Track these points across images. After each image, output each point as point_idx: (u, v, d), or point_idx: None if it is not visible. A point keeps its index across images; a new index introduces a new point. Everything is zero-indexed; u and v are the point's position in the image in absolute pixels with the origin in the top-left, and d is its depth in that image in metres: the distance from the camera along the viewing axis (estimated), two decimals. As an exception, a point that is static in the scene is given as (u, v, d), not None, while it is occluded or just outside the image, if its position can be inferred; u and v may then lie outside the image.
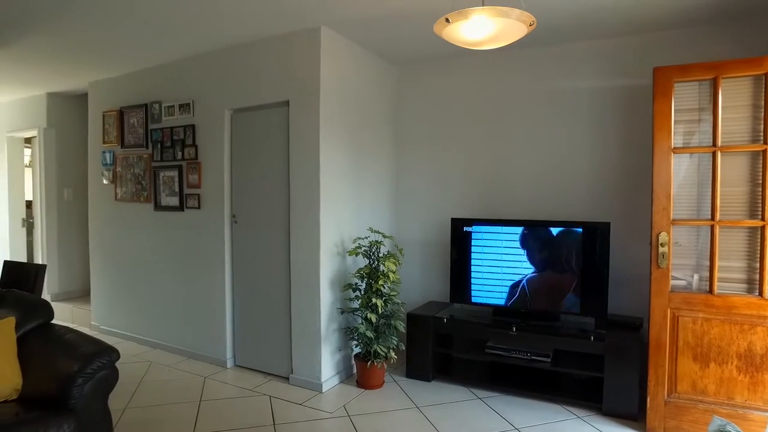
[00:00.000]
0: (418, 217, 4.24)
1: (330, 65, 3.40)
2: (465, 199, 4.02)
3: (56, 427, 1.98)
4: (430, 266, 4.18)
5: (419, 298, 4.16)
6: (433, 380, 3.60)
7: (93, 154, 4.84)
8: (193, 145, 3.94)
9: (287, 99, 3.45)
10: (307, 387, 3.44)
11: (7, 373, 2.14)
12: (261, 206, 3.67)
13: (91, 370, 2.12)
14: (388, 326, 3.46)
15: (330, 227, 3.44)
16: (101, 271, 4.78)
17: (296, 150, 3.43)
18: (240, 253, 3.81)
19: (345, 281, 3.60)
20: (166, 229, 4.19)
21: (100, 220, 4.77)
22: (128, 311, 4.55)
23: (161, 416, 3.04)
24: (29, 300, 2.50)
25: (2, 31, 3.44)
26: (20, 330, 2.35)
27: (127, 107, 4.42)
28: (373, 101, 3.97)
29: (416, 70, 4.20)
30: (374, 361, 3.39)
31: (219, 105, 3.80)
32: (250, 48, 3.63)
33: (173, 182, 4.06)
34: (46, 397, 2.11)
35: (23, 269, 3.21)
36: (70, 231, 5.92)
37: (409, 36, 3.50)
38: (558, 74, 3.64)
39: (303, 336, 3.46)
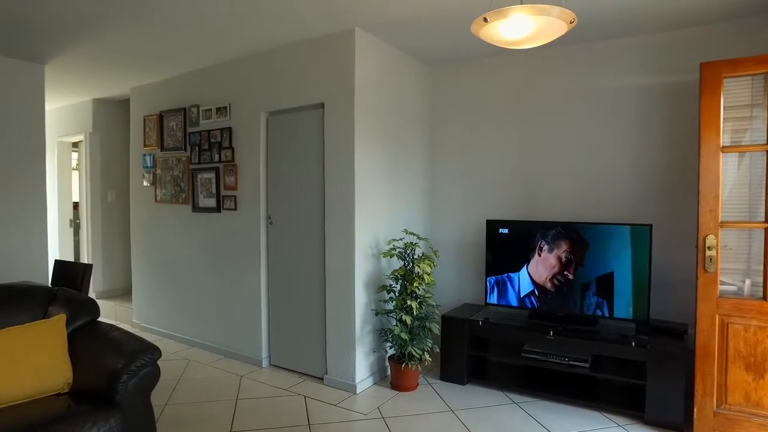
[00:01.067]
0: (453, 219, 4.20)
1: (364, 67, 3.41)
2: (500, 201, 3.96)
3: (104, 420, 2.05)
4: (465, 268, 4.14)
5: (454, 300, 4.13)
6: (467, 383, 3.56)
7: (134, 157, 4.99)
8: (229, 148, 4.01)
9: (322, 101, 3.48)
10: (341, 388, 3.45)
11: (59, 368, 2.22)
12: (296, 207, 3.71)
13: (135, 367, 2.18)
14: (422, 328, 3.44)
15: (364, 229, 3.45)
16: (142, 270, 4.92)
17: (331, 152, 3.46)
18: (275, 253, 3.86)
19: (379, 283, 3.60)
20: (203, 230, 4.29)
21: (141, 221, 4.92)
22: (167, 310, 4.67)
23: (200, 413, 3.11)
24: (78, 298, 2.59)
25: (54, 42, 3.60)
26: (70, 326, 2.44)
27: (167, 111, 4.54)
28: (407, 102, 3.96)
29: (450, 71, 4.17)
30: (408, 363, 3.38)
31: (255, 108, 3.87)
32: (285, 51, 3.68)
33: (210, 184, 4.15)
34: (94, 391, 2.19)
35: (72, 268, 3.35)
36: (112, 231, 6.14)
37: (444, 36, 3.48)
38: (596, 72, 3.55)
39: (337, 337, 3.48)
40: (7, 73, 4.05)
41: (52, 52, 3.94)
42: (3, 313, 2.33)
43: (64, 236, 6.25)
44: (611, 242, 3.21)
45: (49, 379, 2.19)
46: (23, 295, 2.46)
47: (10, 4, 2.92)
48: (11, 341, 2.16)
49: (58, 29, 3.38)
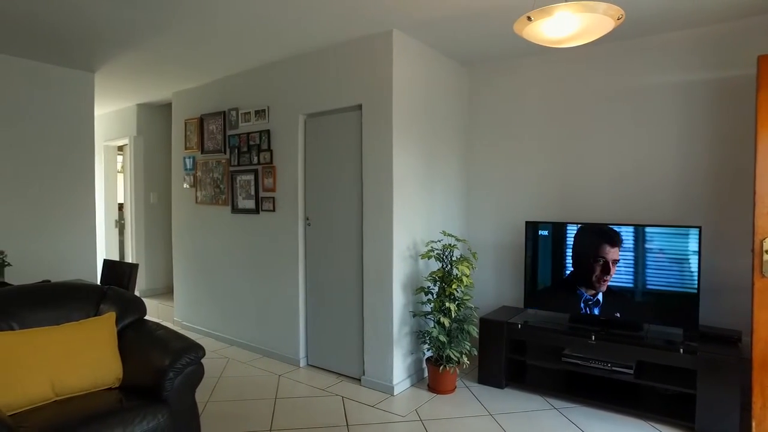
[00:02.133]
0: (490, 220, 4.15)
1: (402, 68, 3.40)
2: (539, 202, 3.89)
3: (152, 415, 2.11)
4: (503, 270, 4.09)
5: (491, 302, 4.08)
6: (506, 387, 3.51)
7: (176, 159, 5.13)
8: (268, 150, 4.08)
9: (360, 103, 3.50)
10: (378, 389, 3.45)
11: (110, 364, 2.30)
12: (334, 209, 3.74)
13: (181, 365, 2.24)
14: (461, 331, 3.41)
15: (402, 230, 3.45)
16: (183, 270, 5.06)
17: (369, 153, 3.47)
18: (313, 254, 3.90)
19: (417, 284, 3.59)
20: (242, 231, 4.37)
21: (182, 222, 5.05)
22: (207, 309, 4.78)
23: (240, 411, 3.16)
24: (126, 297, 2.68)
25: (104, 51, 3.75)
26: (119, 324, 2.52)
27: (207, 114, 4.65)
28: (444, 103, 3.94)
29: (487, 70, 4.13)
30: (446, 366, 3.36)
31: (293, 110, 3.92)
32: (323, 53, 3.71)
33: (249, 186, 4.23)
34: (142, 387, 2.25)
35: (119, 267, 3.47)
36: (155, 232, 6.33)
37: (482, 36, 3.45)
38: (639, 69, 3.45)
39: (375, 338, 3.49)
40: (60, 82, 4.23)
41: (101, 61, 4.10)
42: (60, 310, 2.42)
43: (109, 236, 6.49)
44: (657, 244, 3.11)
45: (102, 374, 2.27)
46: (77, 293, 2.55)
47: (68, 17, 3.05)
48: (68, 337, 2.25)
49: (109, 39, 3.52)
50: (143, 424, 2.08)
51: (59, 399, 2.16)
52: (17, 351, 2.10)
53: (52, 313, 2.40)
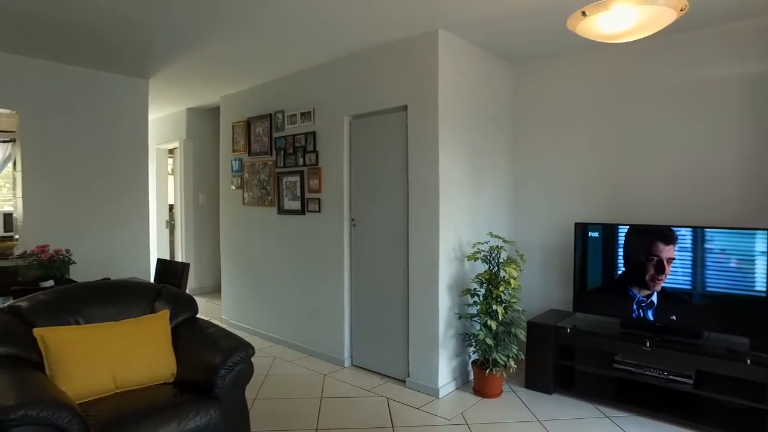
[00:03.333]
0: (538, 221, 4.06)
1: (447, 68, 3.37)
2: (588, 202, 3.77)
3: (205, 411, 2.16)
4: (550, 273, 3.98)
5: (539, 305, 3.98)
6: (554, 393, 3.41)
7: (224, 161, 5.27)
8: (313, 152, 4.12)
9: (405, 104, 3.48)
10: (423, 391, 3.43)
11: (165, 360, 2.38)
12: (379, 210, 3.74)
13: (232, 362, 2.28)
14: (508, 334, 3.35)
15: (448, 231, 3.41)
16: (230, 269, 5.18)
17: (415, 154, 3.45)
18: (358, 255, 3.91)
19: (463, 286, 3.55)
20: (288, 231, 4.44)
21: (230, 222, 5.18)
22: (254, 308, 4.88)
23: (287, 409, 3.21)
24: (179, 295, 2.77)
25: (158, 59, 3.90)
26: (173, 321, 2.61)
27: (254, 117, 4.75)
28: (490, 102, 3.87)
29: (534, 68, 4.03)
30: (493, 370, 3.30)
31: (338, 112, 3.95)
32: (368, 55, 3.72)
33: (295, 187, 4.29)
34: (194, 383, 2.31)
35: (172, 266, 3.59)
36: (203, 232, 6.53)
37: (529, 33, 3.37)
38: (697, 62, 3.28)
39: (420, 340, 3.46)
40: (118, 89, 4.43)
41: (155, 68, 4.26)
42: (120, 306, 2.52)
43: (161, 236, 6.73)
44: (719, 247, 2.95)
45: (158, 369, 2.35)
46: (135, 291, 2.65)
47: (125, 28, 3.18)
48: (127, 332, 2.34)
49: (162, 47, 3.66)
50: (197, 419, 2.13)
51: (120, 391, 2.25)
52: (83, 345, 2.20)
53: (113, 310, 2.50)
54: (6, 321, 2.20)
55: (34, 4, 2.87)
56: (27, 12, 2.97)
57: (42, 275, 2.94)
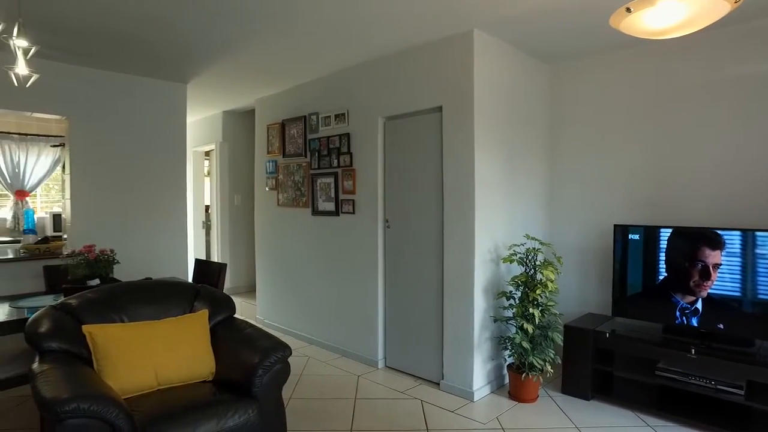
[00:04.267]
0: (575, 223, 3.97)
1: (483, 68, 3.33)
2: (628, 204, 3.66)
3: (244, 409, 2.20)
4: (588, 275, 3.89)
5: (576, 309, 3.89)
6: (592, 399, 3.33)
7: (258, 163, 5.35)
8: (348, 153, 4.15)
9: (440, 105, 3.46)
10: (458, 394, 3.40)
11: (205, 358, 2.43)
12: (414, 211, 3.73)
13: (269, 363, 2.30)
14: (544, 338, 3.28)
15: (483, 233, 3.37)
16: (265, 270, 5.26)
17: (450, 155, 3.42)
18: (392, 257, 3.91)
19: (498, 289, 3.50)
20: (322, 232, 4.47)
21: (264, 223, 5.26)
22: (288, 308, 4.94)
23: (322, 409, 3.23)
24: (217, 295, 2.82)
25: (197, 64, 3.99)
26: (212, 321, 2.66)
27: (288, 119, 4.81)
28: (525, 101, 3.81)
29: (571, 67, 3.95)
30: (529, 374, 3.24)
31: (372, 113, 3.96)
32: (402, 56, 3.72)
33: (329, 188, 4.32)
34: (232, 382, 2.35)
35: (209, 267, 3.67)
36: (238, 232, 6.66)
37: (566, 31, 3.30)
38: (748, 57, 3.14)
39: (455, 342, 3.43)
40: (158, 94, 4.56)
41: (193, 73, 4.37)
42: (161, 305, 2.59)
43: (197, 236, 6.90)
44: (770, 251, 2.82)
45: (198, 368, 2.40)
46: (175, 291, 2.72)
47: (165, 35, 3.28)
48: (168, 331, 2.40)
49: (201, 52, 3.75)
50: (235, 418, 2.17)
51: (161, 388, 2.31)
52: (127, 342, 2.27)
53: (154, 309, 2.57)
54: (59, 317, 2.29)
55: (83, 16, 2.98)
56: (77, 23, 3.09)
57: (89, 274, 3.05)
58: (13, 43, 2.46)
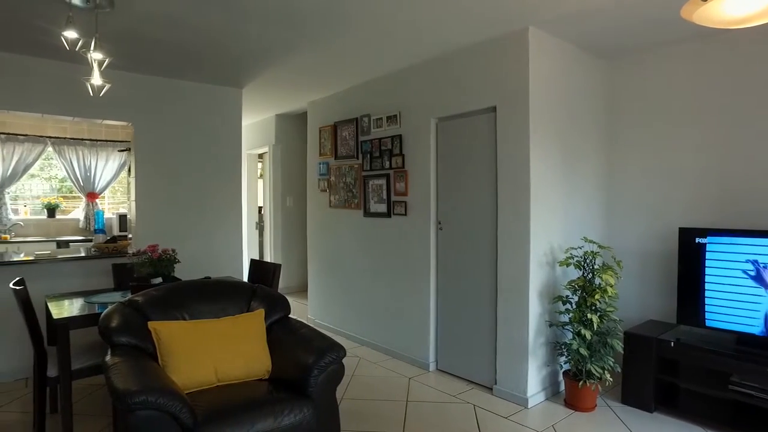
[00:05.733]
0: (635, 226, 3.79)
1: (538, 66, 3.25)
2: (694, 206, 3.46)
3: (299, 408, 2.23)
4: (649, 280, 3.71)
5: (636, 315, 3.72)
6: (655, 411, 3.17)
7: (311, 165, 5.44)
8: (400, 155, 4.14)
9: (494, 105, 3.40)
10: (511, 400, 3.32)
11: (261, 357, 2.49)
12: (467, 213, 3.68)
13: (324, 363, 2.33)
14: (603, 345, 3.16)
15: (539, 235, 3.28)
16: (317, 270, 5.34)
17: (504, 156, 3.36)
18: (445, 259, 3.87)
19: (554, 293, 3.40)
20: (374, 234, 4.49)
21: (316, 224, 5.34)
22: (339, 308, 5.00)
23: (373, 410, 3.24)
24: (273, 295, 2.88)
25: (252, 69, 4.11)
26: (267, 320, 2.71)
27: (340, 122, 4.87)
28: (582, 100, 3.69)
29: (630, 62, 3.78)
30: (587, 381, 3.12)
31: (425, 115, 3.94)
32: (455, 56, 3.68)
33: (381, 190, 4.33)
34: (288, 381, 2.39)
35: (264, 267, 3.75)
36: (290, 233, 6.80)
37: (625, 26, 3.16)
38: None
39: (509, 347, 3.36)
40: (215, 99, 4.73)
41: (248, 78, 4.50)
42: (220, 304, 2.68)
43: (251, 237, 7.10)
44: None
45: (255, 366, 2.46)
46: (233, 290, 2.80)
47: (222, 41, 3.39)
48: (227, 329, 2.48)
49: (257, 58, 3.86)
50: (291, 416, 2.20)
51: (220, 384, 2.37)
52: (189, 339, 2.36)
53: (214, 307, 2.66)
54: (127, 313, 2.41)
55: (149, 29, 3.13)
56: (143, 35, 3.25)
57: (152, 272, 3.19)
58: (90, 56, 2.61)
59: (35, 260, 3.75)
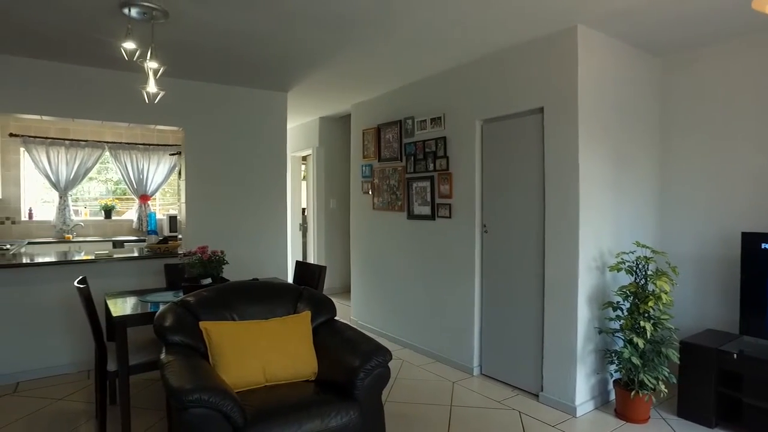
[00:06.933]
0: (691, 229, 3.62)
1: (587, 65, 3.16)
2: (756, 209, 3.27)
3: (345, 411, 2.24)
4: (707, 287, 3.53)
5: (692, 324, 3.56)
6: (716, 426, 3.01)
7: (354, 167, 5.48)
8: (444, 157, 4.11)
9: (541, 105, 3.33)
10: (558, 408, 3.24)
11: (308, 358, 2.52)
12: (513, 216, 3.62)
13: (370, 367, 2.33)
14: (657, 354, 3.03)
15: (588, 239, 3.19)
16: (360, 272, 5.37)
17: (552, 158, 3.28)
18: (490, 262, 3.82)
19: (604, 299, 3.29)
20: (417, 236, 4.47)
21: (360, 226, 5.37)
22: (382, 310, 5.01)
23: (417, 414, 3.22)
24: (318, 297, 2.91)
25: (298, 73, 4.18)
26: (313, 322, 2.75)
27: (384, 124, 4.88)
28: (634, 98, 3.55)
29: (685, 58, 3.61)
30: (639, 392, 3.00)
31: (469, 116, 3.89)
32: (501, 56, 3.62)
33: (425, 192, 4.31)
34: (334, 383, 2.41)
35: (309, 269, 3.81)
36: (333, 235, 6.87)
37: (680, 20, 3.02)
38: None
39: (556, 353, 3.28)
40: (262, 103, 4.84)
41: (294, 82, 4.58)
42: (267, 305, 2.73)
43: (295, 238, 7.22)
44: None
45: (302, 367, 2.49)
46: (280, 292, 2.85)
47: (269, 47, 3.47)
48: (275, 330, 2.52)
49: (302, 62, 3.92)
50: (337, 419, 2.22)
51: (268, 385, 2.42)
52: (238, 339, 2.41)
53: (262, 308, 2.71)
54: (180, 313, 2.50)
55: (200, 38, 3.24)
56: (194, 44, 3.36)
57: (202, 273, 3.29)
58: (147, 65, 2.73)
59: (95, 260, 3.95)
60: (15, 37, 3.30)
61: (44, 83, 3.85)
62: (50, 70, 3.86)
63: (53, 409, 3.27)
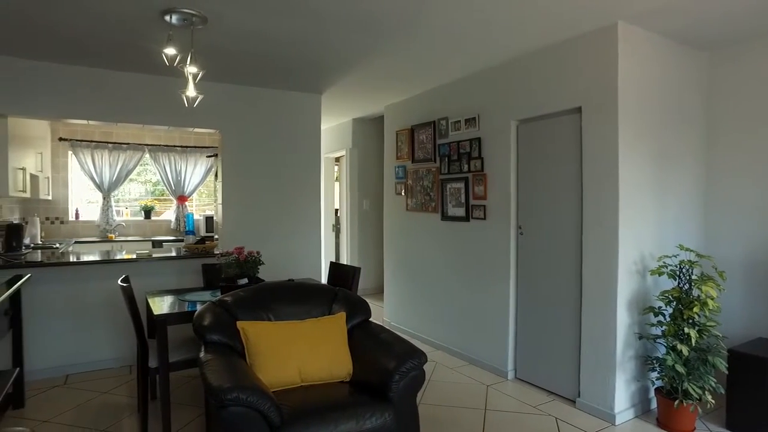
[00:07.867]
0: (740, 232, 3.47)
1: (628, 63, 3.06)
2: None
3: (380, 413, 2.24)
4: (757, 294, 3.37)
5: (740, 332, 3.40)
6: (766, 439, 2.87)
7: (387, 168, 5.48)
8: (478, 158, 4.07)
9: (579, 105, 3.25)
10: (596, 415, 3.16)
11: (343, 359, 2.54)
12: (549, 218, 3.55)
13: (405, 369, 2.32)
14: (703, 362, 2.91)
15: (628, 242, 3.09)
16: (393, 273, 5.37)
17: (590, 158, 3.20)
18: (525, 264, 3.76)
19: (645, 303, 3.19)
20: (451, 238, 4.44)
21: (393, 227, 5.37)
22: (415, 312, 4.99)
23: (451, 417, 3.19)
24: (353, 298, 2.93)
25: (332, 75, 4.21)
26: (348, 323, 2.76)
27: (417, 125, 4.86)
28: (678, 97, 3.43)
29: (734, 53, 3.46)
30: (683, 401, 2.89)
31: (504, 117, 3.84)
32: (536, 56, 3.56)
33: (459, 193, 4.28)
34: (368, 385, 2.41)
35: (343, 269, 3.82)
36: (367, 236, 6.89)
37: (728, 13, 2.89)
38: None
39: (594, 359, 3.19)
40: (297, 105, 4.90)
41: (328, 84, 4.62)
42: (303, 306, 2.76)
43: (328, 239, 7.27)
44: None
45: (337, 368, 2.50)
46: (316, 293, 2.88)
47: (303, 50, 3.50)
48: (310, 331, 2.55)
49: (336, 64, 3.94)
50: (372, 420, 2.22)
51: (304, 385, 2.44)
52: (274, 339, 2.45)
53: (297, 309, 2.74)
54: (218, 313, 2.55)
55: (236, 43, 3.30)
56: (231, 48, 3.43)
57: (239, 273, 3.35)
58: (186, 69, 2.80)
59: (136, 259, 4.08)
60: (65, 47, 3.45)
61: (91, 89, 4.00)
62: (96, 77, 4.01)
63: (99, 401, 3.40)
